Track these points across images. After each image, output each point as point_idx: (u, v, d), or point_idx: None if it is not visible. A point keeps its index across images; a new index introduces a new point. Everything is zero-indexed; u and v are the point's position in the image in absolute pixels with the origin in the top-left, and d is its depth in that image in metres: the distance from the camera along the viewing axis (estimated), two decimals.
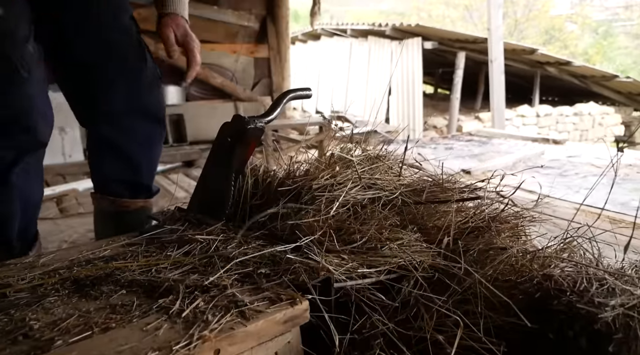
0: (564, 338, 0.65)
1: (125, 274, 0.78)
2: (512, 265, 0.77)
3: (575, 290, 0.67)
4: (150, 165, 1.45)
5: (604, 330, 0.62)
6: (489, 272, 0.75)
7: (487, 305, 0.72)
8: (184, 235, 0.94)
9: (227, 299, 0.70)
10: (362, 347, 0.73)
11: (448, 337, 0.69)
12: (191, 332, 0.61)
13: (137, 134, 1.36)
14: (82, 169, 3.72)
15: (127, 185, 1.39)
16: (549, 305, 0.67)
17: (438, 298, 0.74)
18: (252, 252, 0.83)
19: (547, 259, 0.77)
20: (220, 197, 1.00)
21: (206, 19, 4.64)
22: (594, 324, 0.62)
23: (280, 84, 5.00)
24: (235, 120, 0.95)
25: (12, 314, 0.68)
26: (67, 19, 1.18)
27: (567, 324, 0.65)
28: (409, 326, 0.73)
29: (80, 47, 1.22)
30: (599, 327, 0.62)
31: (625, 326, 0.62)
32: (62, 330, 0.63)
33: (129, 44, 1.28)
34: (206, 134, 4.41)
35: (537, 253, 0.79)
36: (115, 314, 0.67)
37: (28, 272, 0.82)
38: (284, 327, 0.69)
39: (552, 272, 0.71)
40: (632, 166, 3.81)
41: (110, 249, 0.93)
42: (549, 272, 0.71)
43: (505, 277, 0.75)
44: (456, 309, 0.71)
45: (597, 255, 0.79)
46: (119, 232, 1.04)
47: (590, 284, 0.67)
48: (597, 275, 0.70)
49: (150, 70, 1.34)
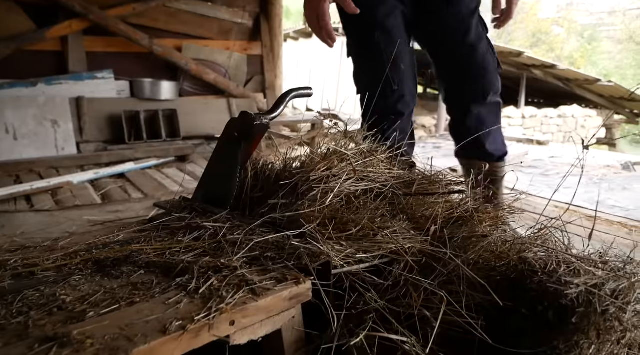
0: (534, 312, 0.74)
1: (142, 256, 0.86)
2: (492, 251, 0.87)
3: (545, 271, 0.76)
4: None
5: (568, 305, 0.71)
6: (471, 257, 0.84)
7: (469, 285, 0.81)
8: (192, 222, 1.01)
9: (238, 279, 0.78)
10: (356, 322, 0.82)
11: (433, 313, 0.78)
12: (209, 305, 0.69)
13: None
14: (75, 162, 3.76)
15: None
16: (523, 284, 0.77)
17: (425, 280, 0.82)
18: (258, 238, 0.91)
19: (522, 245, 0.86)
20: (225, 187, 1.08)
21: (200, 15, 4.68)
22: (561, 300, 0.72)
23: (273, 81, 5.07)
24: (243, 117, 1.02)
25: (42, 290, 0.75)
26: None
27: (537, 300, 0.74)
28: (399, 303, 0.81)
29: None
30: (565, 303, 0.72)
31: (587, 302, 0.72)
32: (92, 304, 0.70)
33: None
34: (199, 130, 4.46)
35: (514, 240, 0.88)
36: (137, 290, 0.75)
37: (50, 254, 0.89)
38: (289, 304, 0.77)
39: (526, 256, 0.80)
40: (610, 167, 3.96)
41: (124, 234, 1.00)
42: (524, 256, 0.80)
43: (485, 261, 0.84)
44: (441, 289, 0.80)
45: (566, 243, 0.89)
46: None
47: (559, 266, 0.77)
48: (566, 260, 0.80)
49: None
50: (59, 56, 4.15)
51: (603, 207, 2.92)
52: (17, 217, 2.50)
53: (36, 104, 3.85)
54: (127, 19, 4.27)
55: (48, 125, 3.86)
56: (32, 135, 3.77)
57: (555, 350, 0.74)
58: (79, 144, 4.00)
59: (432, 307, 0.79)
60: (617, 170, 4.10)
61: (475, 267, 0.82)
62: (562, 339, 0.73)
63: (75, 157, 3.86)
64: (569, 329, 0.73)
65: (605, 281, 0.75)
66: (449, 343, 0.79)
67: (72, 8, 3.98)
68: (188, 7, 4.59)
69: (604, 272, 0.77)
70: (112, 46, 4.32)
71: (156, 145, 4.17)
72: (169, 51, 4.47)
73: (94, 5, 4.08)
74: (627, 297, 0.75)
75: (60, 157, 3.83)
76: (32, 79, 3.95)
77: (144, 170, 3.70)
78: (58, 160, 3.76)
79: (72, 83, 4.12)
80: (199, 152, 4.28)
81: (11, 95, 3.80)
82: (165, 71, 4.58)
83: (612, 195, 3.17)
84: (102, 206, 2.68)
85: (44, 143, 3.81)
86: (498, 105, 1.64)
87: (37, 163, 3.64)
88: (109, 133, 4.18)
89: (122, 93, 4.38)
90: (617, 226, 2.47)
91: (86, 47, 4.22)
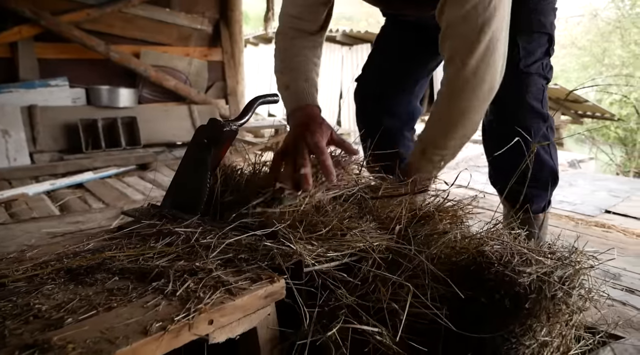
0: (492, 300, 0.81)
1: (115, 263, 0.86)
2: (452, 247, 0.93)
3: (501, 263, 0.83)
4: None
5: (522, 292, 0.78)
6: (434, 252, 0.90)
7: (433, 278, 0.87)
8: (163, 228, 1.02)
9: (214, 280, 0.80)
10: (329, 317, 0.86)
11: (401, 305, 0.83)
12: (188, 306, 0.71)
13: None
14: (28, 173, 3.62)
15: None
16: (481, 275, 0.83)
17: (392, 275, 0.88)
18: (230, 240, 0.93)
19: (480, 239, 0.93)
20: (195, 193, 1.09)
21: (158, 21, 4.62)
22: (515, 288, 0.79)
23: (235, 87, 5.06)
24: (212, 123, 1.05)
25: (15, 301, 0.74)
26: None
27: (494, 289, 0.81)
28: (369, 298, 0.86)
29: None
30: (519, 290, 0.78)
31: (539, 288, 0.79)
32: (69, 311, 0.71)
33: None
34: (160, 137, 4.39)
35: (472, 236, 0.95)
36: (114, 296, 0.76)
37: (19, 265, 0.88)
38: (264, 302, 0.80)
39: (484, 249, 0.87)
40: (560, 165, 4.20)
41: (94, 243, 1.00)
42: (481, 249, 0.87)
43: (447, 256, 0.91)
44: (408, 282, 0.86)
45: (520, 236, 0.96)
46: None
47: (513, 258, 0.84)
48: (519, 251, 0.87)
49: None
50: (8, 63, 3.99)
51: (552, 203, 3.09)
52: None
53: None
54: (81, 25, 4.16)
55: None
56: None
57: (512, 333, 0.81)
58: (32, 154, 3.85)
59: (399, 300, 0.84)
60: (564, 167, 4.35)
61: (438, 261, 0.88)
62: (517, 323, 0.80)
63: (29, 167, 3.72)
64: (523, 314, 0.80)
65: (554, 269, 0.82)
66: (416, 333, 0.84)
67: (22, 13, 3.84)
68: (145, 13, 4.52)
69: (553, 261, 0.85)
70: (66, 53, 4.19)
71: (116, 153, 4.07)
72: (127, 57, 4.38)
73: (46, 11, 3.95)
74: (573, 283, 0.83)
75: (12, 168, 3.67)
76: None
77: (104, 179, 3.61)
78: (10, 172, 3.60)
79: (23, 91, 3.97)
80: (160, 159, 4.21)
81: None
82: (124, 78, 4.49)
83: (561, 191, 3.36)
84: (61, 217, 2.61)
85: None
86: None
87: None
88: (64, 142, 4.05)
89: (77, 101, 4.26)
90: (564, 219, 2.64)
91: (38, 54, 4.08)
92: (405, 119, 1.60)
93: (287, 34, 1.35)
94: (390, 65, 1.56)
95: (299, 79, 1.29)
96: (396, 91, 1.56)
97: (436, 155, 1.18)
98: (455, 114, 1.14)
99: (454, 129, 1.15)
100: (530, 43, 1.39)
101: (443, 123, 1.17)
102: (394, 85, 1.56)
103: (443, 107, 1.17)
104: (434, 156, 1.18)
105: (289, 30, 1.35)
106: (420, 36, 1.48)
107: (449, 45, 1.12)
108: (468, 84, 1.10)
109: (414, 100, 1.61)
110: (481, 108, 1.15)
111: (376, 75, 1.59)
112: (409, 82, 1.58)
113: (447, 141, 1.17)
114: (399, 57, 1.55)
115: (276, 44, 1.41)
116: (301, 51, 1.34)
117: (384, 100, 1.56)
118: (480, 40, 1.06)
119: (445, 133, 1.17)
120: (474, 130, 1.18)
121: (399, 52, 1.55)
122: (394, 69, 1.55)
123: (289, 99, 1.28)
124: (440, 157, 1.19)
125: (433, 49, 1.52)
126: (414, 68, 1.56)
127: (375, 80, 1.58)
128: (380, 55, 1.62)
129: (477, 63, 1.07)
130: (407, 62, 1.55)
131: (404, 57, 1.54)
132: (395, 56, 1.55)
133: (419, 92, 1.62)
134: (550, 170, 1.42)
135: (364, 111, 1.62)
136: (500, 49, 1.08)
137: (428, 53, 1.53)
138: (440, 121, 1.18)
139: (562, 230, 1.52)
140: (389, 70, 1.55)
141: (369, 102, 1.59)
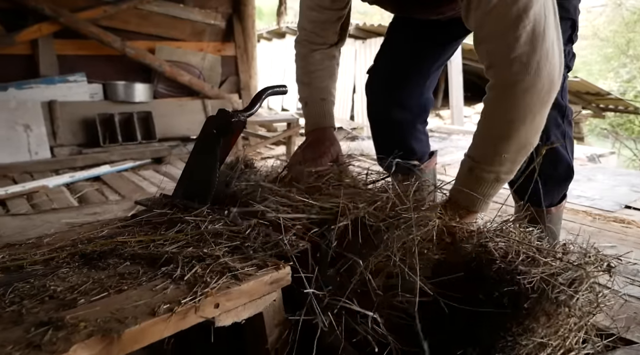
0: (490, 298, 0.81)
1: (127, 249, 0.89)
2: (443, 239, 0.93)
3: (505, 260, 0.82)
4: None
5: (522, 292, 0.78)
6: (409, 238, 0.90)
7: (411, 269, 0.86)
8: (174, 217, 1.05)
9: (221, 266, 0.82)
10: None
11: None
12: (195, 290, 0.74)
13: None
14: (49, 166, 3.71)
15: None
16: (482, 271, 0.83)
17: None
18: (238, 229, 0.95)
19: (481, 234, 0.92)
20: (205, 182, 1.12)
21: (172, 16, 4.67)
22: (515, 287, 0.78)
23: (248, 82, 5.09)
24: (221, 114, 1.07)
25: (32, 282, 0.78)
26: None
27: (494, 286, 0.81)
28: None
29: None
30: (519, 290, 0.78)
31: (541, 290, 0.78)
32: (82, 292, 0.74)
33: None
34: (175, 131, 4.45)
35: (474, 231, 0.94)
36: (124, 280, 0.79)
37: (36, 250, 0.91)
38: (270, 288, 0.82)
39: (487, 244, 0.86)
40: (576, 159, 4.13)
41: (107, 230, 1.03)
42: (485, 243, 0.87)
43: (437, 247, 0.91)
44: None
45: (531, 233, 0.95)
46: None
47: (518, 256, 0.83)
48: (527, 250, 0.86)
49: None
50: (29, 60, 4.08)
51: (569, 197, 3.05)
52: None
53: (7, 108, 3.78)
54: (98, 22, 4.23)
55: (20, 129, 3.80)
56: (4, 140, 3.70)
57: (508, 332, 0.80)
58: (52, 148, 3.95)
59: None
60: (583, 162, 4.28)
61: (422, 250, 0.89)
62: (515, 322, 0.80)
63: (49, 161, 3.81)
64: (522, 314, 0.78)
65: (561, 271, 0.80)
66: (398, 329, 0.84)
67: (41, 11, 3.92)
68: (160, 9, 4.58)
69: (562, 263, 0.83)
70: (83, 49, 4.27)
71: (132, 147, 4.14)
72: (142, 53, 4.44)
73: (64, 8, 4.03)
74: (580, 286, 0.81)
75: (33, 161, 3.77)
76: (2, 83, 3.88)
77: (120, 172, 3.68)
78: (32, 165, 3.70)
79: (44, 87, 4.06)
80: (175, 153, 4.28)
81: None
82: (139, 73, 4.55)
83: (578, 186, 3.31)
84: (79, 209, 2.68)
85: (16, 148, 3.74)
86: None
87: (10, 168, 3.58)
88: (83, 136, 4.14)
89: (95, 96, 4.34)
90: (582, 214, 2.60)
91: (57, 51, 4.16)
92: (417, 112, 1.59)
93: (305, 45, 1.43)
94: (401, 58, 1.55)
95: (316, 98, 1.41)
96: (408, 83, 1.56)
97: (489, 173, 1.02)
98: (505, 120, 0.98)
99: (508, 139, 0.98)
100: None
101: (494, 133, 1.01)
102: (405, 78, 1.55)
103: (490, 114, 1.02)
104: (486, 174, 1.02)
105: (306, 43, 1.43)
106: (431, 31, 1.47)
107: (486, 49, 0.99)
108: (518, 83, 0.94)
109: (425, 92, 1.59)
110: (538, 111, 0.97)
111: (387, 67, 1.58)
112: (421, 74, 1.56)
113: (500, 155, 0.99)
114: (409, 50, 1.55)
115: (295, 52, 1.48)
116: (319, 64, 1.41)
117: (395, 92, 1.55)
118: (519, 32, 0.91)
119: (496, 145, 1.00)
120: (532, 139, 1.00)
121: (409, 45, 1.55)
122: (405, 61, 1.55)
123: (307, 118, 1.43)
124: (495, 174, 1.02)
125: (444, 42, 1.52)
126: (425, 61, 1.55)
127: (386, 72, 1.58)
128: (391, 48, 1.61)
129: (526, 57, 0.92)
130: (417, 55, 1.54)
131: (414, 51, 1.53)
132: (406, 49, 1.55)
133: (430, 84, 1.60)
134: (566, 165, 1.39)
135: (375, 103, 1.62)
136: (550, 35, 0.93)
137: (439, 46, 1.52)
138: (490, 133, 1.03)
139: (580, 227, 1.49)
140: (400, 63, 1.55)
141: (380, 95, 1.59)
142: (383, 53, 1.62)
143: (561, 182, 1.40)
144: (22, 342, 0.59)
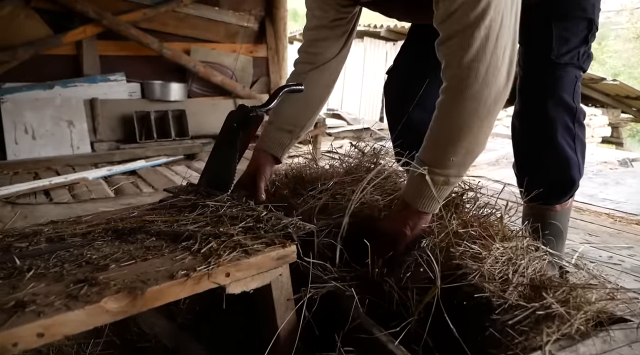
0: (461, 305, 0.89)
1: (154, 227, 1.01)
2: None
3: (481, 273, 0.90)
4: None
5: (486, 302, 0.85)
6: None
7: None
8: (197, 202, 1.16)
9: (234, 243, 0.92)
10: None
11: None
12: (209, 260, 0.84)
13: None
14: (89, 160, 3.95)
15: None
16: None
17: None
18: (252, 213, 1.05)
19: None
20: (226, 172, 1.22)
21: (207, 19, 4.86)
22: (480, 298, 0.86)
23: (278, 82, 5.22)
24: (240, 109, 1.17)
25: (72, 251, 0.90)
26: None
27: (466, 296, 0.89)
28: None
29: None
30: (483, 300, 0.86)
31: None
32: (113, 260, 0.85)
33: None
34: (207, 129, 4.63)
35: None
36: (150, 251, 0.90)
37: (76, 226, 1.04)
38: (276, 263, 0.92)
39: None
40: (606, 163, 4.06)
41: (138, 212, 1.15)
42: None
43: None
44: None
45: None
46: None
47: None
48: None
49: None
50: (74, 60, 4.35)
51: (594, 200, 3.02)
52: (38, 209, 2.69)
53: (53, 105, 4.04)
54: (138, 24, 4.46)
55: (64, 125, 4.06)
56: (49, 135, 3.96)
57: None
58: (93, 143, 4.19)
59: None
60: (613, 166, 4.18)
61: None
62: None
63: (90, 155, 4.05)
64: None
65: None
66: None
67: (86, 14, 4.17)
68: (196, 12, 4.77)
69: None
70: (124, 50, 4.51)
71: (166, 144, 4.34)
72: (178, 54, 4.65)
73: (107, 11, 4.27)
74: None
75: (75, 155, 4.02)
76: (49, 81, 4.15)
77: (155, 167, 3.88)
78: (73, 159, 3.95)
79: (87, 85, 4.31)
80: (206, 150, 4.45)
81: (30, 98, 4.01)
82: (175, 73, 4.76)
83: (605, 189, 3.27)
84: (115, 199, 2.87)
85: (60, 142, 4.00)
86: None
87: (54, 161, 3.83)
88: (121, 133, 4.37)
89: (133, 94, 4.57)
90: (603, 217, 2.58)
91: (99, 51, 4.41)
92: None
93: (300, 68, 1.40)
94: (420, 59, 1.59)
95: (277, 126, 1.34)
96: (426, 84, 1.60)
97: (438, 175, 1.03)
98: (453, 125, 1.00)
99: (456, 143, 1.00)
100: (566, 30, 1.28)
101: (442, 138, 1.03)
102: (424, 78, 1.59)
103: (440, 118, 1.05)
104: (436, 177, 1.03)
105: (302, 65, 1.39)
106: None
107: (443, 50, 1.02)
108: (466, 89, 0.96)
109: None
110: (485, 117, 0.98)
111: (407, 68, 1.61)
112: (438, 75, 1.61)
113: (448, 159, 1.01)
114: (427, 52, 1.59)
115: (292, 71, 1.46)
116: (305, 90, 1.32)
117: (413, 92, 1.59)
118: (473, 38, 0.93)
119: (445, 149, 1.02)
120: (479, 144, 1.02)
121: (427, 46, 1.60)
122: (424, 63, 1.59)
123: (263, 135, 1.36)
124: (445, 177, 1.03)
125: None
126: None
127: (405, 73, 1.61)
128: (410, 49, 1.65)
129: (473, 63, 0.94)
130: (435, 57, 1.59)
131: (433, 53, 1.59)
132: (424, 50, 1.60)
133: None
134: (574, 166, 1.38)
135: (393, 103, 1.66)
136: (502, 43, 0.95)
137: None
138: (439, 135, 1.04)
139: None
140: (419, 64, 1.58)
141: (399, 95, 1.62)
142: (402, 54, 1.67)
143: (567, 183, 1.41)
144: (63, 294, 0.71)
